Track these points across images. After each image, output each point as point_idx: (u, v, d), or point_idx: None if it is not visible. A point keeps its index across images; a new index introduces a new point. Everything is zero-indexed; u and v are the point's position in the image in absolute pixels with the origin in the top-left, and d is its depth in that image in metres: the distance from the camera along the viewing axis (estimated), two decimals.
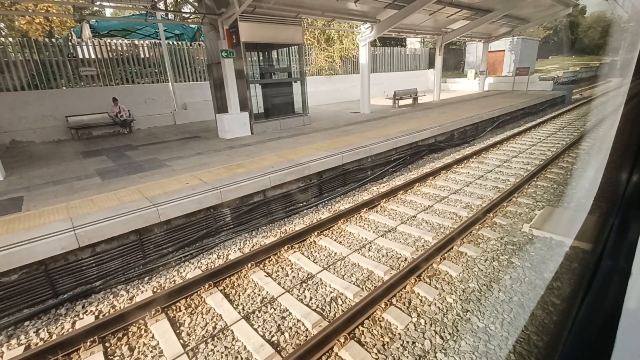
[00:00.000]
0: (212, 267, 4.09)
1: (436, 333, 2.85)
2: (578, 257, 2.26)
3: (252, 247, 4.53)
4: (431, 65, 22.66)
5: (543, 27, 37.86)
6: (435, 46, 16.90)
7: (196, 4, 9.10)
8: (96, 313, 3.49)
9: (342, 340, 2.80)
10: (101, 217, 3.95)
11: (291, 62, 11.09)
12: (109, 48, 12.04)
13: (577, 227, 2.20)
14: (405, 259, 4.08)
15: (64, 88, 11.14)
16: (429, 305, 3.20)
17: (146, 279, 4.02)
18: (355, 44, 16.61)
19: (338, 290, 3.54)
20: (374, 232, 4.81)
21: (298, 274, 3.89)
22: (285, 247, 4.39)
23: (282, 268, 4.03)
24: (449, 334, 2.84)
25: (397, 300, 3.31)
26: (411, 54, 23.90)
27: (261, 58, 10.15)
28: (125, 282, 3.96)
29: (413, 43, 27.10)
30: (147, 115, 12.08)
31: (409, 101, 15.08)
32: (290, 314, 3.22)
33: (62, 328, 3.31)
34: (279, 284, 3.70)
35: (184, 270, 4.10)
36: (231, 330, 3.04)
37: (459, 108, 12.77)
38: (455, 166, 7.66)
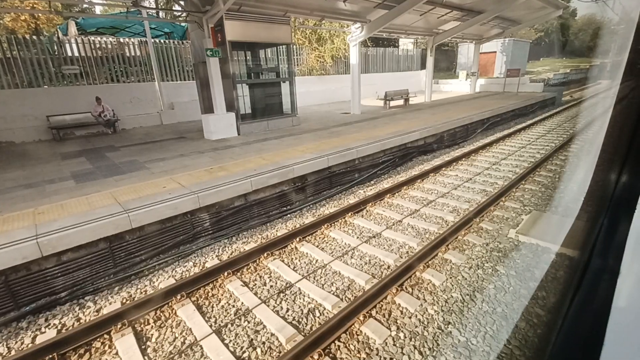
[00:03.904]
0: (187, 275, 3.90)
1: (415, 348, 2.71)
2: (564, 264, 2.18)
3: (231, 254, 4.35)
4: (424, 66, 22.61)
5: (534, 29, 38.19)
6: (427, 47, 16.85)
7: (182, 1, 8.88)
8: (59, 326, 3.29)
9: (316, 357, 2.64)
10: (68, 224, 3.74)
11: (280, 61, 10.91)
12: (93, 46, 11.74)
13: (564, 233, 2.12)
14: (389, 267, 3.94)
15: (46, 87, 10.81)
16: (410, 318, 3.06)
17: (116, 289, 3.82)
18: (347, 44, 16.48)
19: (316, 301, 3.38)
20: (358, 237, 4.67)
21: (276, 283, 3.72)
22: (265, 254, 4.22)
23: (260, 277, 3.86)
24: (429, 348, 2.70)
25: (377, 312, 3.16)
26: (403, 54, 23.86)
27: (248, 57, 9.95)
28: (93, 292, 3.76)
29: (406, 44, 27.07)
30: (133, 115, 11.79)
31: (400, 102, 15.00)
32: (264, 327, 3.05)
33: (22, 343, 3.11)
34: (256, 294, 3.54)
35: (157, 280, 3.91)
36: (200, 346, 2.87)
37: (450, 109, 12.71)
38: (444, 169, 7.56)
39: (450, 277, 3.64)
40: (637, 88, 1.18)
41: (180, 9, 8.95)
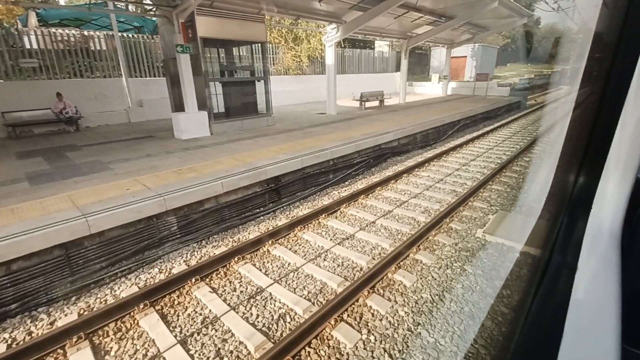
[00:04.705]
0: (152, 283, 3.72)
1: (385, 351, 2.71)
2: (527, 262, 2.26)
3: (200, 259, 4.19)
4: (398, 68, 23.03)
5: (502, 36, 39.92)
6: (401, 50, 17.18)
7: None
8: (9, 341, 3.03)
9: None
10: (19, 230, 3.45)
11: (255, 60, 10.72)
12: (54, 38, 11.00)
13: (528, 232, 2.19)
14: (361, 269, 3.95)
15: (1, 81, 10.00)
16: (381, 320, 3.07)
17: (73, 299, 3.57)
18: (323, 44, 16.49)
19: (288, 306, 3.32)
20: (331, 239, 4.65)
21: (247, 289, 3.62)
22: (236, 259, 4.10)
23: (230, 282, 3.74)
24: (399, 351, 2.71)
25: (348, 316, 3.15)
26: (379, 56, 24.22)
27: (222, 55, 9.69)
28: (47, 303, 3.49)
29: (381, 46, 27.46)
30: (98, 112, 11.17)
31: (376, 103, 15.19)
32: (232, 335, 2.95)
33: None
34: (225, 300, 3.42)
35: (119, 288, 3.69)
36: (163, 358, 2.72)
37: (423, 111, 13.02)
38: (416, 169, 7.71)
39: (421, 278, 3.69)
40: (592, 94, 1.21)
41: (149, 1, 8.55)
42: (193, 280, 3.68)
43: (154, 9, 8.19)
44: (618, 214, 0.87)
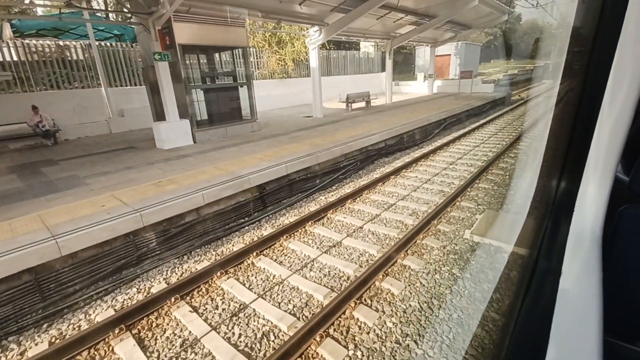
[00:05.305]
0: (129, 304, 3.54)
1: None
2: (517, 263, 2.20)
3: (181, 276, 4.02)
4: (384, 68, 23.13)
5: (485, 33, 40.55)
6: (385, 50, 17.21)
7: (126, 2, 8.28)
8: None
9: None
10: None
11: (237, 65, 10.55)
12: (28, 50, 10.65)
13: (516, 232, 2.14)
14: (348, 278, 3.83)
15: None
16: (368, 333, 2.95)
17: (45, 326, 3.37)
18: (307, 47, 16.41)
19: (272, 323, 3.18)
20: (318, 248, 4.53)
21: (229, 306, 3.47)
22: (219, 274, 3.95)
23: (212, 299, 3.59)
24: None
25: (334, 330, 3.03)
26: (365, 57, 24.26)
27: (203, 61, 9.51)
28: (17, 332, 3.28)
29: (367, 47, 27.54)
30: (78, 124, 10.86)
31: (362, 104, 15.16)
32: (213, 358, 2.80)
33: None
34: (206, 319, 3.27)
35: (94, 312, 3.50)
36: None
37: (409, 111, 13.03)
38: (404, 170, 7.65)
39: (409, 285, 3.60)
40: (573, 89, 1.24)
41: (125, 9, 8.34)
42: (172, 299, 3.52)
43: (130, 17, 7.95)
44: (599, 215, 0.88)
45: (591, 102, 0.87)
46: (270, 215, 5.63)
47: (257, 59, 17.33)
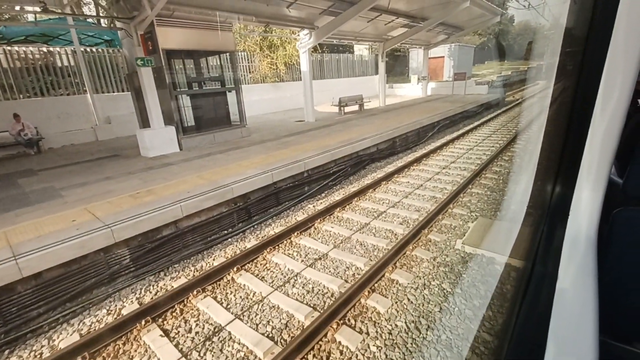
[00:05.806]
0: (97, 328, 3.29)
1: None
2: (510, 275, 2.06)
3: (155, 295, 3.79)
4: (378, 71, 23.05)
5: (478, 35, 40.70)
6: (378, 53, 17.09)
7: (107, 6, 8.06)
8: None
9: None
10: None
11: (224, 70, 10.34)
12: (11, 57, 10.39)
13: (511, 241, 1.96)
14: (332, 295, 3.61)
15: None
16: (349, 359, 2.73)
17: (6, 352, 3.12)
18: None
19: (247, 348, 2.95)
20: (302, 261, 4.30)
21: (204, 328, 3.24)
22: (195, 292, 3.71)
23: (186, 321, 3.35)
24: None
25: (314, 356, 2.80)
26: (358, 60, 24.17)
27: (189, 66, 9.30)
28: None
29: (361, 50, 27.46)
30: (62, 131, 10.60)
31: (355, 108, 15.00)
32: None
33: None
34: (177, 345, 3.03)
35: (59, 337, 3.25)
36: None
37: (403, 114, 12.87)
38: (396, 175, 7.46)
39: (396, 302, 3.38)
40: (566, 90, 1.22)
41: (104, 14, 8.12)
42: (143, 322, 3.28)
43: (110, 22, 7.73)
44: (594, 218, 0.88)
45: (584, 104, 0.86)
46: (255, 226, 5.41)
47: (248, 63, 17.14)
